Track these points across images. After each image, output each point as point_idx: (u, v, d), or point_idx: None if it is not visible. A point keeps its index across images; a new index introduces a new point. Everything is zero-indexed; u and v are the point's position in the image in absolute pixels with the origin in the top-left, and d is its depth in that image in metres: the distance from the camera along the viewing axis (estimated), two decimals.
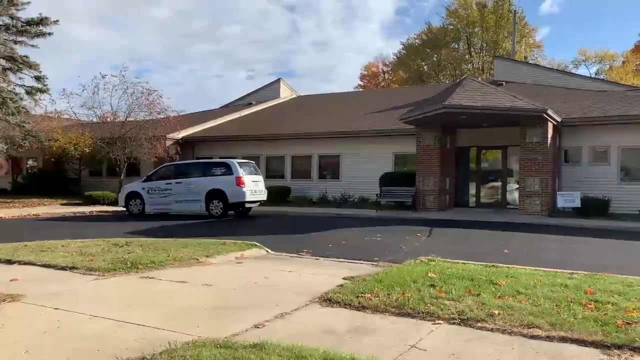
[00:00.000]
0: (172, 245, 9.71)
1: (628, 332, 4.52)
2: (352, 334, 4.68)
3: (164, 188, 18.38)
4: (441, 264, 7.85)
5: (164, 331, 4.69)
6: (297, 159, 24.03)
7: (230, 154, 23.52)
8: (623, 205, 17.18)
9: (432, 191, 18.57)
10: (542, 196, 16.84)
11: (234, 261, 8.66)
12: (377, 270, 7.49)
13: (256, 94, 34.79)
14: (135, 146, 23.10)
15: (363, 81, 60.24)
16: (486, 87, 18.13)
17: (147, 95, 23.97)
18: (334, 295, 5.93)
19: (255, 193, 17.96)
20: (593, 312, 5.15)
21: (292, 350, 4.02)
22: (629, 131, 17.77)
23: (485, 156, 20.98)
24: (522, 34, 45.55)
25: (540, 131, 16.88)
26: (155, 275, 7.24)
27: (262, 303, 5.76)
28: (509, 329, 4.75)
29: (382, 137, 21.69)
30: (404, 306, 5.43)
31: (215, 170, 17.91)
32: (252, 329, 4.79)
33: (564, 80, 24.66)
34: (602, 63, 51.38)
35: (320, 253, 9.68)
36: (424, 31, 52.22)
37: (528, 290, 5.98)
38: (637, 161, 17.96)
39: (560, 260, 9.13)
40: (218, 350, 4.04)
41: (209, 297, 6.02)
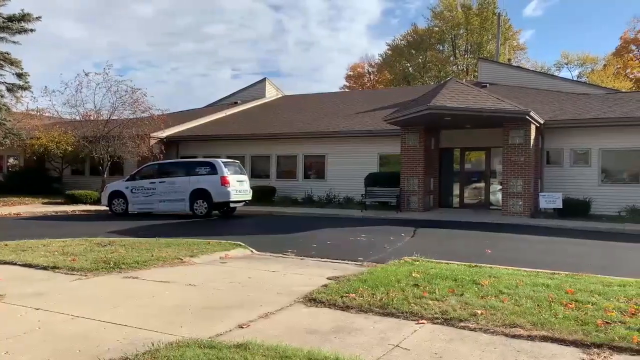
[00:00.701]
0: (156, 245, 9.65)
1: (607, 332, 4.60)
2: (336, 333, 4.70)
3: (147, 187, 18.23)
4: (425, 264, 7.91)
5: (147, 331, 4.66)
6: (283, 158, 24.00)
7: (215, 153, 23.39)
8: (603, 206, 17.45)
9: (417, 192, 18.68)
10: (524, 197, 17.04)
11: (218, 261, 8.63)
12: (361, 270, 7.52)
13: (241, 93, 34.67)
14: (118, 145, 22.86)
15: (349, 82, 60.38)
16: (470, 88, 18.28)
17: (131, 94, 23.73)
18: (318, 295, 5.94)
19: (240, 193, 17.90)
20: (573, 311, 5.23)
21: (276, 350, 4.02)
22: (609, 133, 18.05)
23: (469, 157, 21.15)
24: (506, 37, 46.01)
25: (523, 133, 17.08)
26: (138, 275, 7.19)
27: (247, 303, 5.75)
28: (492, 328, 4.81)
29: (368, 137, 21.76)
30: (388, 306, 5.46)
31: (199, 170, 17.80)
32: (236, 329, 4.79)
33: (546, 83, 24.96)
34: (584, 66, 52.17)
35: (305, 253, 9.69)
36: (410, 32, 52.56)
37: (510, 290, 6.06)
38: (617, 163, 18.25)
39: (542, 260, 9.25)
40: (202, 350, 4.03)
41: (193, 297, 5.99)
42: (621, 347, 4.31)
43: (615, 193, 17.77)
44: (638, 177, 17.71)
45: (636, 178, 17.75)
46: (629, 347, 4.30)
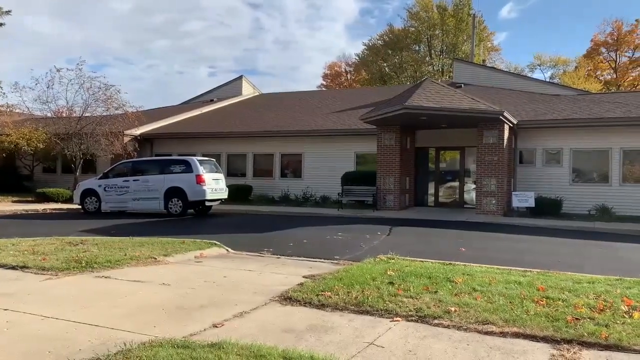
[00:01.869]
0: (129, 244, 9.51)
1: (577, 328, 4.70)
2: (311, 332, 4.70)
3: (121, 185, 17.96)
4: (400, 262, 7.96)
5: (119, 331, 4.59)
6: (259, 157, 23.89)
7: (191, 151, 23.18)
8: (574, 205, 17.83)
9: (393, 190, 18.80)
10: (497, 196, 17.29)
11: (193, 260, 8.55)
12: (337, 269, 7.54)
13: (217, 91, 34.39)
14: (91, 142, 22.47)
15: (326, 80, 60.47)
16: (445, 89, 18.47)
17: (105, 90, 23.36)
18: (294, 293, 5.93)
19: (216, 191, 17.76)
20: (544, 308, 5.33)
21: (251, 349, 4.00)
22: (580, 134, 18.46)
23: (444, 156, 21.38)
24: (480, 38, 46.61)
25: (497, 133, 17.33)
26: (111, 275, 7.08)
27: (222, 302, 5.71)
28: (465, 325, 4.87)
29: (345, 136, 21.82)
30: (363, 304, 5.49)
31: (174, 168, 17.61)
32: (211, 329, 4.75)
33: (520, 84, 25.40)
34: (556, 68, 53.26)
35: (281, 252, 9.67)
36: (386, 32, 52.83)
37: (483, 288, 6.14)
38: (588, 163, 18.67)
39: (515, 258, 9.41)
40: (175, 350, 3.99)
41: (167, 297, 5.92)
42: (590, 343, 4.41)
43: (586, 192, 18.17)
44: (607, 176, 18.15)
45: (605, 178, 18.19)
46: (597, 342, 4.41)
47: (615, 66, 49.37)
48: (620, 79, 48.26)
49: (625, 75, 48.63)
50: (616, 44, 48.49)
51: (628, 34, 47.85)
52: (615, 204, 17.30)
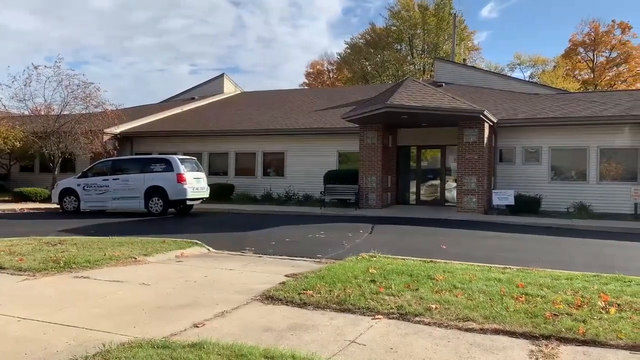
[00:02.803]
0: (109, 244, 9.40)
1: (555, 323, 4.77)
2: (293, 330, 4.69)
3: (100, 184, 17.74)
4: (382, 259, 7.99)
5: (98, 332, 4.53)
6: (241, 155, 23.77)
7: (171, 150, 22.97)
8: (553, 202, 18.09)
9: (375, 189, 18.86)
10: (478, 194, 17.47)
11: (173, 260, 8.48)
12: (319, 267, 7.54)
13: (199, 89, 34.12)
14: (70, 141, 22.13)
15: (308, 79, 60.41)
16: (426, 88, 18.58)
17: (84, 88, 23.02)
18: (275, 292, 5.91)
19: (197, 190, 17.64)
20: (524, 304, 5.39)
21: (232, 348, 3.98)
22: (558, 132, 18.73)
23: (425, 155, 21.52)
24: (461, 37, 46.98)
25: (477, 131, 17.49)
26: (90, 275, 6.98)
27: (202, 302, 5.67)
28: (446, 322, 4.90)
29: (327, 135, 21.82)
30: (345, 302, 5.50)
31: (155, 167, 17.43)
32: (192, 328, 4.71)
33: (500, 83, 25.66)
34: (535, 67, 53.93)
35: (263, 251, 9.64)
36: (368, 31, 52.93)
37: (464, 285, 6.19)
38: (566, 161, 18.96)
39: (495, 255, 9.52)
40: (155, 350, 3.95)
41: (147, 297, 5.86)
42: (568, 338, 4.47)
43: (564, 190, 18.45)
44: (585, 174, 18.45)
45: (583, 175, 18.49)
46: (575, 337, 4.47)
47: (592, 66, 50.17)
48: (597, 79, 49.06)
49: (602, 74, 49.45)
50: (593, 44, 49.28)
51: (605, 34, 48.67)
52: (593, 201, 17.60)
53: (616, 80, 48.84)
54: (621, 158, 18.23)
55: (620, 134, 18.04)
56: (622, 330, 4.58)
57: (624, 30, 48.28)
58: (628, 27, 48.08)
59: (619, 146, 18.14)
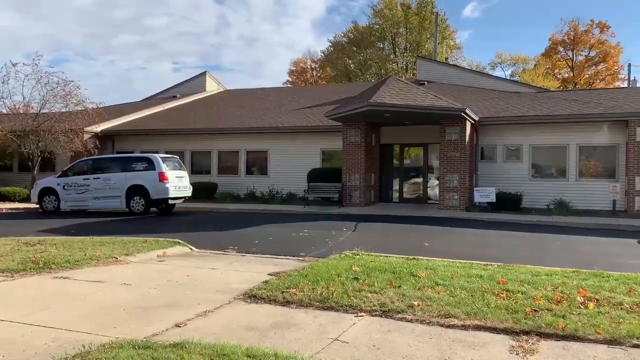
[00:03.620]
0: (89, 244, 9.29)
1: (535, 319, 4.83)
2: (275, 329, 4.68)
3: (81, 184, 17.50)
4: (365, 257, 8.02)
5: (78, 333, 4.47)
6: (224, 154, 23.65)
7: (153, 148, 22.75)
8: (534, 199, 18.31)
9: (358, 187, 18.91)
10: (460, 191, 17.61)
11: (155, 259, 8.40)
12: (302, 265, 7.54)
13: (181, 87, 33.81)
14: (50, 139, 21.80)
15: (292, 77, 60.24)
16: (409, 86, 18.68)
17: (64, 86, 22.68)
18: (258, 291, 5.90)
19: (179, 189, 17.50)
20: (505, 300, 5.45)
21: (214, 348, 3.96)
22: (539, 130, 18.96)
23: (408, 153, 21.64)
24: (444, 36, 47.25)
25: (459, 129, 17.63)
26: (70, 275, 6.89)
27: (184, 302, 5.63)
28: (428, 319, 4.94)
29: (310, 133, 21.80)
30: (328, 300, 5.50)
31: (136, 165, 17.25)
32: (173, 328, 4.68)
33: (481, 81, 25.87)
34: (516, 66, 54.48)
35: (246, 249, 9.60)
36: (351, 30, 52.99)
37: (446, 282, 6.24)
38: (547, 159, 19.21)
39: (476, 252, 9.61)
40: (136, 351, 3.91)
41: (128, 297, 5.80)
42: (548, 333, 4.53)
43: (545, 187, 18.69)
44: (565, 171, 18.71)
45: (563, 173, 18.75)
46: (554, 332, 4.54)
47: (572, 65, 50.87)
48: (576, 77, 49.76)
49: (581, 73, 50.17)
50: (573, 43, 49.96)
51: (584, 33, 49.38)
52: (572, 198, 17.85)
53: (595, 78, 49.62)
54: (600, 155, 18.53)
55: (599, 131, 18.34)
56: (600, 324, 4.66)
57: (602, 29, 49.08)
58: (606, 27, 48.90)
59: (598, 144, 18.44)
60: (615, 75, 49.34)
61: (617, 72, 49.44)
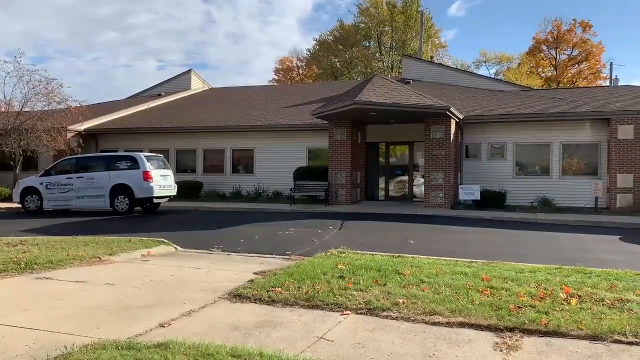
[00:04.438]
0: (72, 244, 9.18)
1: (519, 316, 4.87)
2: (261, 328, 4.67)
3: (64, 183, 17.30)
4: (351, 255, 8.03)
5: (60, 334, 4.42)
6: (210, 152, 23.52)
7: (137, 147, 22.55)
8: (518, 197, 18.49)
9: (344, 185, 18.94)
10: (445, 189, 17.72)
11: (139, 259, 8.33)
12: (288, 264, 7.53)
13: (165, 85, 33.56)
14: (32, 138, 21.50)
15: (277, 75, 60.11)
16: (394, 84, 18.74)
17: (46, 84, 22.37)
18: (243, 290, 5.88)
19: (164, 188, 17.37)
20: (489, 297, 5.49)
21: (198, 348, 3.93)
22: (522, 128, 19.14)
23: (394, 151, 21.71)
24: (429, 35, 47.48)
25: (444, 128, 17.73)
26: (52, 276, 6.80)
27: (169, 301, 5.59)
28: (413, 317, 4.96)
29: (296, 131, 21.77)
30: (314, 298, 5.50)
31: (120, 164, 17.10)
32: (157, 328, 4.64)
33: (466, 80, 26.03)
34: (501, 64, 54.88)
35: (232, 248, 9.57)
36: (336, 28, 53.00)
37: (431, 279, 6.27)
38: (530, 156, 19.40)
39: (461, 249, 9.67)
40: (119, 351, 3.87)
41: (112, 297, 5.74)
42: (531, 330, 4.57)
43: (528, 185, 18.88)
44: (548, 169, 18.91)
45: (546, 170, 18.95)
46: (537, 329, 4.58)
47: (555, 63, 51.41)
48: (559, 76, 50.31)
49: (564, 72, 50.73)
50: (556, 42, 50.49)
51: (567, 32, 49.93)
52: (556, 195, 18.06)
53: (577, 77, 50.19)
54: (583, 153, 18.76)
55: (582, 130, 18.57)
56: (582, 320, 4.71)
57: (584, 28, 49.65)
58: (589, 26, 49.48)
59: (581, 142, 18.67)
60: (598, 74, 49.98)
61: (599, 71, 50.08)
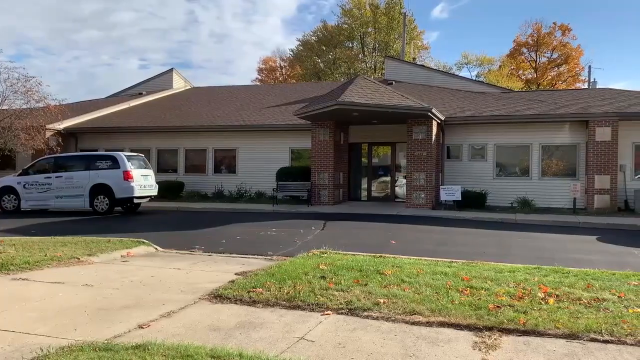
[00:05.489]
0: (50, 244, 9.04)
1: (498, 315, 4.92)
2: (241, 329, 4.64)
3: (42, 182, 17.03)
4: (332, 255, 8.04)
5: (36, 336, 4.34)
6: (191, 152, 23.34)
7: (118, 146, 22.30)
8: (498, 197, 18.70)
9: (327, 185, 18.96)
10: (426, 190, 17.84)
11: (119, 260, 8.24)
12: (270, 265, 7.50)
13: (147, 84, 33.22)
14: (10, 137, 21.08)
15: (261, 75, 59.95)
16: (377, 85, 18.81)
17: (24, 82, 21.96)
18: (224, 291, 5.84)
19: (145, 188, 17.19)
20: (468, 297, 5.54)
21: (178, 349, 3.90)
22: (503, 130, 19.36)
23: (377, 152, 21.79)
24: (411, 36, 47.73)
25: (426, 129, 17.85)
26: (29, 277, 6.69)
27: (148, 302, 5.53)
28: (393, 316, 4.97)
29: (279, 131, 21.72)
30: (295, 299, 5.49)
31: (100, 164, 16.88)
32: (136, 330, 4.59)
33: (448, 81, 26.24)
34: (482, 66, 55.45)
35: (213, 249, 9.51)
36: (320, 29, 53.02)
37: (411, 279, 6.30)
38: (510, 158, 19.62)
39: (442, 249, 9.75)
40: (97, 353, 3.82)
41: (90, 298, 5.66)
42: (509, 329, 4.62)
43: (508, 185, 19.09)
44: (528, 170, 19.15)
45: (526, 171, 19.19)
46: (516, 328, 4.63)
47: (535, 66, 52.09)
48: (540, 78, 50.99)
49: (544, 74, 51.43)
50: (536, 45, 51.17)
51: (547, 35, 50.63)
52: (535, 196, 18.30)
53: (557, 80, 50.93)
54: (561, 155, 19.03)
55: (561, 131, 18.84)
56: (559, 319, 4.78)
57: (564, 32, 50.41)
58: (568, 29, 50.25)
59: (560, 143, 18.94)
60: (577, 77, 50.77)
61: (578, 74, 50.87)
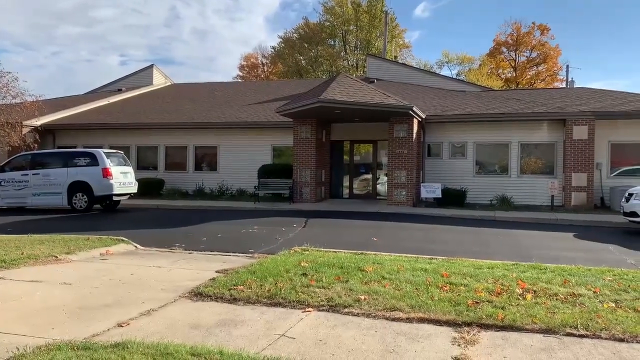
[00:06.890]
0: (27, 242, 8.90)
1: (476, 311, 4.98)
2: (222, 327, 4.63)
3: (19, 180, 16.74)
4: (314, 253, 8.05)
5: (12, 336, 4.27)
6: (172, 149, 23.13)
7: (97, 143, 22.01)
8: (478, 195, 18.90)
9: (309, 183, 18.96)
10: (407, 187, 17.96)
11: (98, 258, 8.14)
12: (251, 262, 7.49)
13: (126, 80, 32.84)
14: None
15: (242, 72, 59.65)
16: (359, 83, 18.86)
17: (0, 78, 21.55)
18: (205, 289, 5.82)
19: (124, 185, 17.00)
20: (448, 293, 5.60)
21: (157, 347, 3.87)
22: (482, 128, 19.57)
23: (358, 150, 21.85)
24: (393, 35, 47.94)
25: (407, 127, 17.96)
26: (5, 275, 6.57)
27: (128, 301, 5.48)
28: (374, 313, 5.01)
29: (261, 129, 21.64)
30: (276, 296, 5.49)
31: (78, 161, 16.64)
32: (115, 328, 4.55)
33: (429, 80, 26.44)
34: (462, 65, 55.96)
35: (194, 247, 9.46)
36: (302, 26, 52.94)
37: (392, 276, 6.35)
38: (490, 156, 19.85)
39: (422, 246, 9.83)
40: (75, 352, 3.78)
41: (68, 297, 5.59)
42: (488, 324, 4.69)
43: (488, 183, 19.31)
44: (507, 168, 19.40)
45: (505, 169, 19.43)
46: (494, 323, 4.70)
47: (514, 65, 52.71)
48: (519, 77, 51.62)
49: (523, 73, 52.09)
50: (515, 44, 51.79)
51: (526, 35, 51.26)
52: (514, 193, 18.55)
53: (536, 79, 51.63)
54: (540, 153, 19.30)
55: (539, 130, 19.11)
56: (537, 315, 4.86)
57: (542, 31, 51.10)
58: (547, 29, 50.95)
59: (538, 142, 19.20)
60: (555, 76, 51.53)
61: (556, 73, 51.64)
